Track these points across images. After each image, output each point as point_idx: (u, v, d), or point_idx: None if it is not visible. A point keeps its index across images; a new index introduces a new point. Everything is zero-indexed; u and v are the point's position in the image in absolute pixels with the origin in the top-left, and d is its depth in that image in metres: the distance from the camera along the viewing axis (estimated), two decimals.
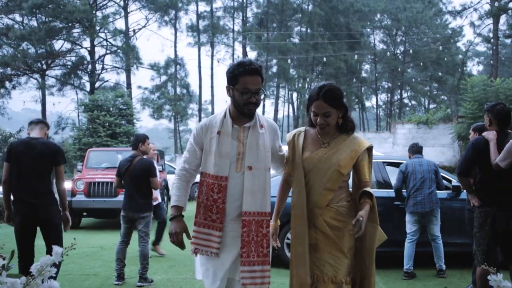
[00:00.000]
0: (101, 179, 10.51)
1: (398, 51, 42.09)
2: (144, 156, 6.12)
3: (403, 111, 43.27)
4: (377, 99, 44.95)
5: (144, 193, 5.94)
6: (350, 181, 3.01)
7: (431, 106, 44.01)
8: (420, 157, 6.55)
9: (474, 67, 49.04)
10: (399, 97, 43.83)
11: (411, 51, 39.43)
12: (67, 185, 7.66)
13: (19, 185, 4.60)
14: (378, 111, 45.32)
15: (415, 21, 38.79)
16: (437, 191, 6.35)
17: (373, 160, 6.79)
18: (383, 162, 7.24)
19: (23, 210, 4.56)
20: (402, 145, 22.38)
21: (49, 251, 4.29)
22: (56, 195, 4.77)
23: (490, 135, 4.32)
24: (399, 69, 40.24)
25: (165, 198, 10.95)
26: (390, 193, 6.71)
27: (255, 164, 2.72)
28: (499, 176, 4.22)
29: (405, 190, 6.47)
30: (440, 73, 39.44)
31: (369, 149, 2.91)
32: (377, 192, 6.29)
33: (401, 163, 6.79)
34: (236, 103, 2.74)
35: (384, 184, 6.93)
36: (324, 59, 32.62)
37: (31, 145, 4.64)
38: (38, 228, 4.61)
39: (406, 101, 45.55)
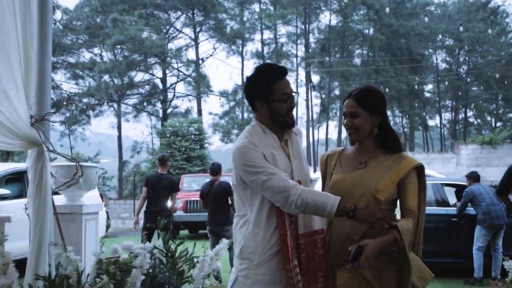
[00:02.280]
0: (195, 198, 12.34)
1: (462, 70, 42.18)
2: (220, 180, 7.68)
3: (468, 130, 43.07)
4: (440, 118, 44.97)
5: (225, 210, 7.44)
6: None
7: (498, 124, 43.57)
8: (480, 184, 7.60)
9: None
10: (463, 116, 43.73)
11: (474, 70, 39.51)
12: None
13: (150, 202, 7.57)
14: (442, 131, 45.28)
15: (478, 41, 38.84)
16: None
17: (432, 182, 8.04)
18: (441, 184, 8.35)
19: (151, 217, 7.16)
20: (466, 166, 22.76)
21: None
22: None
23: None
24: (463, 88, 40.28)
25: None
26: (449, 210, 7.80)
27: (302, 177, 2.37)
28: None
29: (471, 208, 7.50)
30: (505, 92, 39.19)
31: (419, 170, 2.37)
32: (436, 210, 7.53)
33: (458, 184, 7.93)
34: (276, 115, 2.35)
35: (442, 202, 8.01)
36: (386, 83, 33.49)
37: (160, 178, 7.76)
38: None
39: (471, 119, 45.31)
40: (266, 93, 2.33)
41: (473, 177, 7.68)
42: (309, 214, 2.27)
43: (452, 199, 8.28)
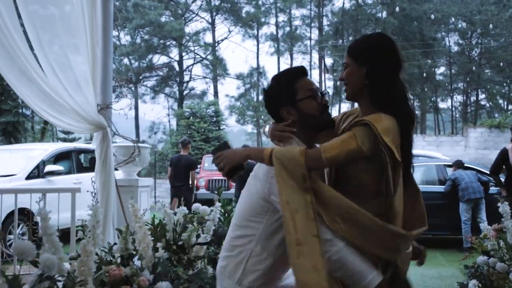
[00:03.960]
0: (217, 177, 13.37)
1: (474, 53, 42.48)
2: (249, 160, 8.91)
3: (479, 113, 43.51)
4: (452, 101, 45.41)
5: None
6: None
7: (510, 107, 43.91)
8: (462, 170, 8.73)
9: None
10: (475, 98, 44.14)
11: (486, 53, 39.83)
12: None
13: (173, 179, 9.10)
14: (454, 113, 45.73)
15: (490, 24, 39.05)
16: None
17: (436, 163, 9.09)
18: (444, 165, 9.37)
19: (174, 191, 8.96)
20: (475, 148, 23.46)
21: None
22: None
23: (509, 145, 6.43)
24: (475, 71, 40.64)
25: None
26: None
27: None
28: None
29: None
30: None
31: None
32: (438, 188, 8.58)
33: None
34: (308, 117, 2.05)
35: (444, 181, 9.00)
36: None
37: (180, 159, 9.19)
38: None
39: (483, 102, 45.69)
40: (290, 95, 2.05)
41: (457, 164, 8.89)
42: None
43: None
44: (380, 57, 2.02)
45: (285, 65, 36.66)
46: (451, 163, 9.47)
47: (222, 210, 3.87)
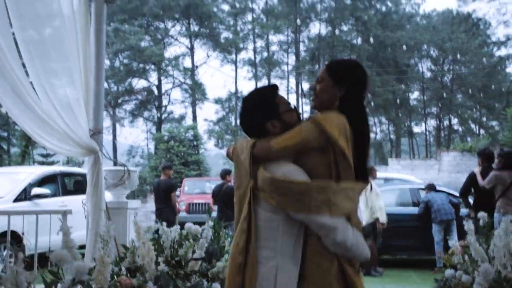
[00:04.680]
0: (197, 201, 13.59)
1: (446, 79, 43.77)
2: (229, 184, 9.30)
3: (452, 137, 44.64)
4: (426, 125, 46.54)
5: (231, 210, 8.97)
6: None
7: (482, 131, 45.22)
8: (434, 192, 9.13)
9: None
10: (448, 123, 45.34)
11: (458, 79, 41.14)
12: None
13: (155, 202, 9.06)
14: (427, 137, 46.82)
15: (461, 51, 40.43)
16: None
17: (410, 187, 9.55)
18: (418, 188, 9.80)
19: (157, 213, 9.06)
20: (448, 172, 24.01)
21: None
22: None
23: (476, 169, 6.86)
24: (447, 96, 41.81)
25: None
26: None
27: None
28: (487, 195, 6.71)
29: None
30: (487, 100, 40.90)
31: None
32: (412, 210, 8.96)
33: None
34: (292, 127, 2.20)
35: (418, 204, 9.38)
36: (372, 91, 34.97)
37: (159, 183, 9.51)
38: None
39: (456, 127, 46.95)
40: (273, 109, 2.23)
41: (430, 187, 9.28)
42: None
43: None
44: (355, 82, 2.24)
45: None
46: (424, 187, 9.89)
47: (213, 229, 4.12)
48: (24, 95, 4.15)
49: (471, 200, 7.35)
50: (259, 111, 2.23)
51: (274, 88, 2.31)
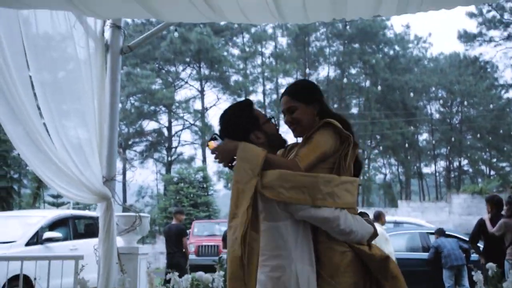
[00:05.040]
0: (207, 243, 13.61)
1: (455, 121, 43.91)
2: None
3: (462, 179, 44.38)
4: (435, 167, 46.38)
5: None
6: None
7: (492, 172, 44.99)
8: (443, 237, 9.08)
9: None
10: (458, 164, 45.19)
11: (466, 120, 41.27)
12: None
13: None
14: (437, 179, 46.62)
15: (469, 93, 40.70)
16: None
17: (419, 231, 9.50)
18: (427, 233, 9.78)
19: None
20: (458, 214, 23.85)
21: None
22: None
23: (485, 216, 6.88)
24: (456, 138, 41.84)
25: None
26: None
27: None
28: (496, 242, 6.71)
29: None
30: (497, 142, 40.88)
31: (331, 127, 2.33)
32: (421, 255, 8.90)
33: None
34: (273, 136, 2.45)
35: (427, 248, 9.36)
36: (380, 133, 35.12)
37: (170, 227, 9.68)
38: None
39: (466, 168, 46.77)
40: (254, 121, 2.39)
41: (439, 231, 9.29)
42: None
43: None
44: (319, 95, 2.47)
45: None
46: (433, 231, 9.87)
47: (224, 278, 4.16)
48: (39, 140, 4.21)
49: (481, 246, 7.34)
50: (242, 124, 2.37)
51: (249, 102, 2.51)
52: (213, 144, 2.34)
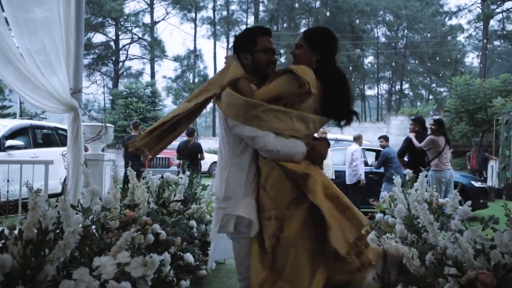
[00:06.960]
0: (158, 155, 14.20)
1: (400, 45, 45.07)
2: (194, 141, 10.27)
3: (402, 102, 46.37)
4: (378, 89, 48.01)
5: (195, 164, 9.63)
6: None
7: (431, 97, 47.11)
8: (391, 147, 9.93)
9: (474, 60, 52.02)
10: (399, 88, 46.96)
11: (410, 45, 42.47)
12: None
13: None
14: (379, 101, 48.45)
15: (415, 19, 41.62)
16: None
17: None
18: (363, 149, 10.70)
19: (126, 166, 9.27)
20: (395, 134, 25.27)
21: None
22: None
23: (411, 134, 7.82)
24: (400, 62, 43.20)
25: None
26: (367, 169, 10.14)
27: None
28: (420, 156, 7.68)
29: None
30: (437, 67, 42.58)
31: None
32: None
33: (376, 150, 10.35)
34: (258, 65, 2.67)
35: (364, 163, 10.32)
36: None
37: (130, 139, 9.22)
38: None
39: (407, 91, 48.67)
40: (251, 44, 2.64)
41: (386, 137, 9.96)
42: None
43: (370, 161, 10.71)
44: (328, 48, 2.65)
45: (221, 48, 37.46)
46: (369, 148, 10.88)
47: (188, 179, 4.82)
48: (8, 53, 4.53)
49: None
50: (241, 40, 2.71)
51: (264, 29, 2.76)
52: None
